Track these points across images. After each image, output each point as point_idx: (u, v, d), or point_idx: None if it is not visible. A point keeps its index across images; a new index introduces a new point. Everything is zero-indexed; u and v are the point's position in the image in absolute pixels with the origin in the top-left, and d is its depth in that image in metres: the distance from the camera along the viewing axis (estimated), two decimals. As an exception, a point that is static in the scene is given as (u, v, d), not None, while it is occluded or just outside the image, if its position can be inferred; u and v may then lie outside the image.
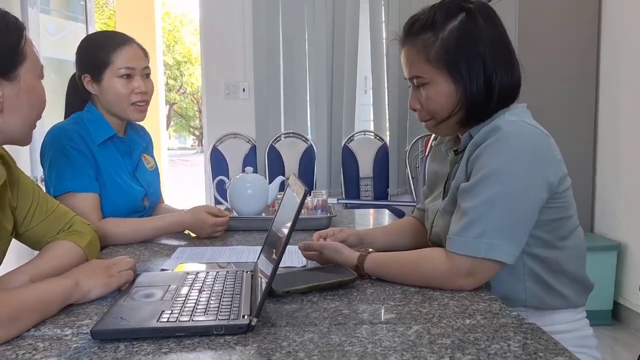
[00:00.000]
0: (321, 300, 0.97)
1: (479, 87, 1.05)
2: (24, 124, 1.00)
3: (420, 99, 1.11)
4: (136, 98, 1.56)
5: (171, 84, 17.75)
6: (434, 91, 1.08)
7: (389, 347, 0.76)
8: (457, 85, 1.06)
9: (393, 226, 1.44)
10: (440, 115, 1.10)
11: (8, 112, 0.96)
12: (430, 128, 1.15)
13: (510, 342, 0.78)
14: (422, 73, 1.08)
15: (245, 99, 3.90)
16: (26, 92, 0.98)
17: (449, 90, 1.07)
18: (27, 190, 1.16)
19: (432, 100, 1.09)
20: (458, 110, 1.07)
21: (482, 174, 1.00)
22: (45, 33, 3.47)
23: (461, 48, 1.05)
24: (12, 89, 0.95)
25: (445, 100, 1.07)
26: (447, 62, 1.05)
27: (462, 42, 1.05)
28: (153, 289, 0.98)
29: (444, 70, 1.06)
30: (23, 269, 1.05)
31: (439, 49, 1.05)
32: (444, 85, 1.07)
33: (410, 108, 1.14)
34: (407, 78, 1.12)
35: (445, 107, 1.08)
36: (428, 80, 1.08)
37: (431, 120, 1.12)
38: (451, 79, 1.06)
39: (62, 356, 0.74)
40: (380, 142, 3.97)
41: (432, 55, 1.06)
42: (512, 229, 0.98)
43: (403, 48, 1.11)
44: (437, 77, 1.07)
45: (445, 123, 1.10)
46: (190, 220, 1.53)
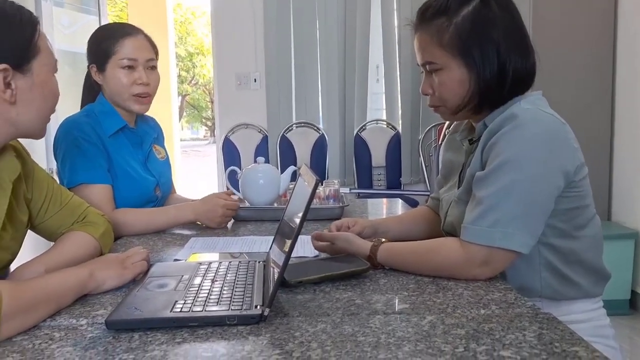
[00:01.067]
0: (334, 291, 0.96)
1: (492, 73, 1.04)
2: (38, 116, 1.00)
3: (432, 85, 1.10)
4: (137, 90, 1.55)
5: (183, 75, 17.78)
6: (447, 77, 1.06)
7: (402, 338, 0.76)
8: (470, 71, 1.04)
9: (406, 215, 1.43)
10: (452, 101, 1.08)
11: (21, 105, 0.96)
12: (440, 114, 1.14)
13: (526, 332, 0.77)
14: (435, 59, 1.07)
15: (257, 89, 3.89)
16: (39, 85, 0.98)
17: (461, 76, 1.05)
18: (42, 182, 1.17)
19: (445, 86, 1.07)
20: (470, 96, 1.06)
21: (498, 162, 0.98)
22: (59, 26, 3.48)
23: (475, 34, 1.03)
24: (26, 81, 0.96)
25: (457, 86, 1.06)
26: (460, 48, 1.04)
27: (475, 28, 1.03)
28: (166, 279, 0.98)
29: (457, 55, 1.04)
30: (39, 259, 1.06)
31: (452, 34, 1.04)
32: (457, 70, 1.05)
33: (422, 93, 1.13)
34: (419, 64, 1.11)
35: (458, 93, 1.07)
36: (441, 65, 1.06)
37: (442, 106, 1.11)
38: (464, 64, 1.04)
39: (77, 346, 0.75)
40: (392, 130, 3.94)
41: (445, 40, 1.04)
42: (527, 218, 0.97)
43: (416, 34, 1.10)
44: (450, 62, 1.05)
45: (456, 109, 1.09)
46: (203, 207, 1.53)
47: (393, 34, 3.89)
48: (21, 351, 0.74)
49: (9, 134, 0.98)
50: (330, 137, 3.86)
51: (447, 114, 1.13)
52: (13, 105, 0.95)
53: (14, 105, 0.95)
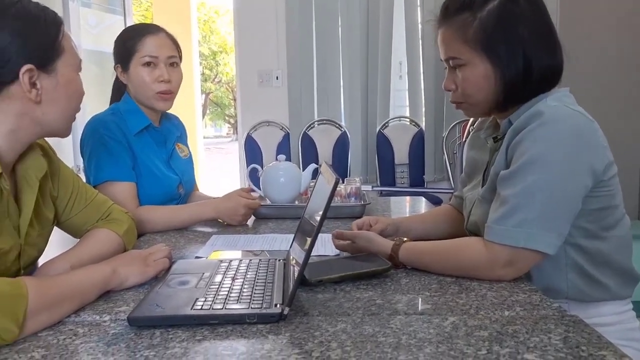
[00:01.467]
0: (354, 290, 0.96)
1: (518, 70, 1.02)
2: (63, 115, 1.02)
3: (455, 80, 1.08)
4: (160, 87, 1.57)
5: (207, 73, 17.93)
6: (471, 72, 1.05)
7: (423, 339, 0.74)
8: (494, 67, 1.03)
9: (429, 214, 1.41)
10: (475, 97, 1.07)
11: (46, 104, 0.98)
12: (463, 110, 1.12)
13: (551, 334, 0.75)
14: (459, 54, 1.05)
15: (279, 86, 3.89)
16: (64, 85, 0.99)
17: (485, 72, 1.03)
18: (67, 180, 1.19)
19: (468, 82, 1.06)
20: (494, 93, 1.04)
21: (523, 160, 0.96)
22: (86, 26, 3.54)
23: (500, 29, 1.01)
24: (50, 81, 0.97)
25: (481, 82, 1.04)
26: (484, 43, 1.02)
27: (501, 23, 1.01)
28: (188, 277, 0.99)
29: (481, 51, 1.03)
30: (64, 256, 1.08)
31: (476, 29, 1.02)
32: (480, 66, 1.03)
33: (445, 89, 1.11)
34: (442, 59, 1.10)
35: (481, 89, 1.05)
36: (465, 61, 1.05)
37: (464, 103, 1.10)
38: (488, 60, 1.03)
39: (100, 342, 0.76)
40: (416, 127, 3.91)
41: (469, 35, 1.03)
42: (553, 218, 0.95)
43: (440, 29, 1.09)
44: (474, 58, 1.03)
45: (479, 105, 1.07)
46: (224, 205, 1.54)
47: (416, 29, 3.85)
48: (46, 346, 0.75)
49: (35, 133, 1.00)
50: (352, 135, 3.85)
51: (469, 110, 1.12)
52: (38, 104, 0.97)
53: (39, 104, 0.97)
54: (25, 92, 0.94)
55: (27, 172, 1.04)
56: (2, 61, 0.92)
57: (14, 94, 0.94)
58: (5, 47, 0.91)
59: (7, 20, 0.92)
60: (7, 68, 0.92)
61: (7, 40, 0.92)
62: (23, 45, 0.93)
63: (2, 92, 0.94)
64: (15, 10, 0.94)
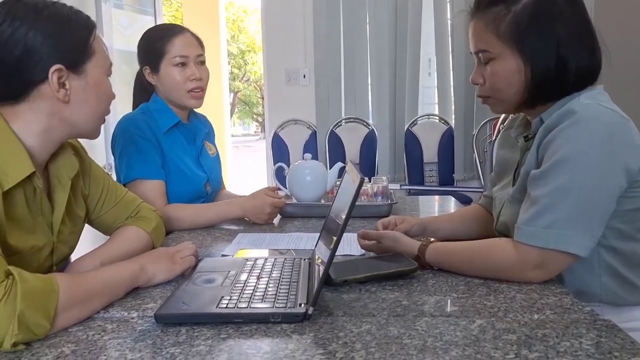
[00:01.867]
0: (380, 291, 0.95)
1: (550, 68, 0.99)
2: (91, 116, 1.03)
3: (484, 74, 1.06)
4: (192, 85, 1.60)
5: (235, 72, 18.08)
6: (500, 67, 1.02)
7: (450, 342, 0.73)
8: (525, 62, 1.00)
9: (457, 214, 1.39)
10: (503, 92, 1.04)
11: (75, 105, 0.99)
12: (489, 105, 1.10)
13: (583, 339, 0.73)
14: (490, 47, 1.03)
15: (306, 85, 3.90)
16: (93, 86, 1.01)
17: (516, 67, 1.01)
18: (98, 179, 1.21)
19: (497, 76, 1.03)
20: (523, 89, 1.02)
21: (555, 159, 0.94)
22: (118, 27, 3.62)
23: (534, 24, 0.99)
24: (80, 82, 0.99)
25: (510, 77, 1.02)
26: (517, 38, 1.00)
27: (536, 19, 0.99)
28: (214, 275, 1.00)
29: (513, 45, 1.00)
30: (94, 253, 1.10)
31: (510, 23, 1.00)
32: (511, 61, 1.01)
33: (472, 82, 1.09)
34: (472, 52, 1.08)
35: (510, 84, 1.03)
36: (495, 55, 1.02)
37: (491, 97, 1.08)
38: (520, 55, 1.00)
39: (128, 338, 0.77)
40: (445, 125, 3.86)
41: (501, 29, 1.00)
42: (586, 219, 0.92)
43: (472, 21, 1.06)
44: (505, 52, 1.01)
45: (506, 101, 1.05)
46: (250, 203, 1.55)
47: (446, 25, 3.80)
48: (76, 341, 0.76)
49: (65, 133, 1.02)
50: (380, 133, 3.83)
51: (496, 106, 1.09)
52: (67, 104, 0.98)
53: (68, 104, 0.98)
54: (54, 91, 0.96)
55: (60, 171, 1.06)
56: (33, 61, 0.94)
57: (45, 94, 0.96)
58: (37, 47, 0.93)
59: (40, 22, 0.94)
60: (39, 68, 0.94)
61: (39, 40, 0.94)
62: (54, 45, 0.95)
63: (33, 92, 0.96)
64: (48, 13, 0.96)
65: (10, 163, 0.92)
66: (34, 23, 0.94)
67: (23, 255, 0.95)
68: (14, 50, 0.93)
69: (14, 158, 0.93)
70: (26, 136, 0.97)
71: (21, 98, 0.96)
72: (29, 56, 0.93)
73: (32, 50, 0.93)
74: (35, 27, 0.94)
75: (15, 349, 0.73)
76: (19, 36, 0.93)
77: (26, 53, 0.93)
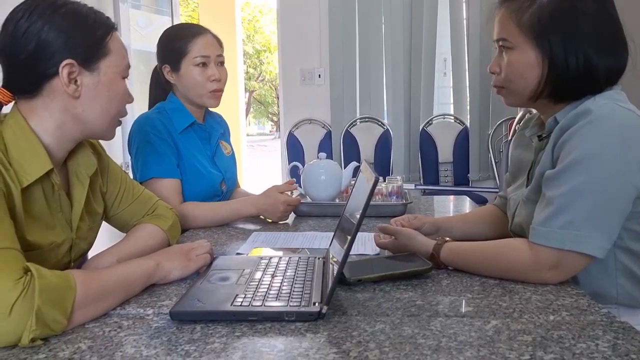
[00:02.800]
0: (394, 290, 0.95)
1: (571, 67, 0.97)
2: (102, 115, 1.03)
3: (501, 63, 1.05)
4: (212, 86, 1.61)
5: (251, 72, 18.14)
6: (517, 58, 1.02)
7: (464, 342, 0.73)
8: (542, 57, 0.99)
9: (472, 214, 1.38)
10: (516, 84, 1.04)
11: (86, 101, 1.00)
12: (502, 96, 1.10)
13: (599, 341, 0.72)
14: (509, 36, 1.02)
15: (321, 84, 3.90)
16: (105, 85, 1.01)
17: (532, 61, 1.00)
18: (116, 177, 1.22)
19: (512, 67, 1.03)
20: (536, 84, 1.00)
21: (570, 160, 0.93)
22: (136, 27, 3.65)
23: (556, 20, 0.97)
24: (92, 79, 1.00)
25: (525, 70, 1.01)
26: (537, 31, 0.98)
27: (560, 15, 0.97)
28: (228, 273, 1.00)
29: (531, 38, 0.99)
30: (111, 250, 1.11)
31: (532, 15, 0.99)
32: (529, 53, 1.00)
33: (489, 71, 1.09)
34: (494, 40, 1.07)
35: (523, 77, 1.02)
36: (513, 45, 1.02)
37: (504, 88, 1.07)
38: (538, 49, 0.99)
39: (143, 335, 0.78)
40: (460, 125, 3.84)
41: (523, 20, 0.99)
42: (602, 220, 0.91)
43: (498, 9, 1.05)
44: (523, 44, 1.00)
45: (518, 93, 1.04)
46: (263, 201, 1.56)
47: (462, 25, 3.78)
48: (92, 337, 0.77)
49: (78, 130, 1.02)
50: (395, 132, 3.82)
51: (508, 97, 1.09)
52: (78, 100, 0.99)
53: (78, 100, 0.99)
54: (64, 86, 0.97)
55: (78, 168, 1.08)
56: (46, 54, 0.95)
57: (57, 89, 0.97)
58: (50, 41, 0.95)
59: (55, 17, 0.96)
60: (51, 62, 0.95)
61: (53, 35, 0.95)
62: (67, 40, 0.96)
63: (46, 86, 0.97)
64: (65, 10, 0.98)
65: (28, 160, 0.94)
66: (49, 18, 0.95)
67: (42, 251, 0.96)
68: (28, 44, 0.94)
69: (32, 155, 0.95)
70: (43, 133, 0.98)
71: (36, 93, 0.97)
72: (42, 50, 0.95)
73: (45, 44, 0.95)
74: (50, 21, 0.95)
75: (33, 344, 0.74)
76: (34, 30, 0.94)
77: (39, 47, 0.95)
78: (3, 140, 0.93)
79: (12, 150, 0.92)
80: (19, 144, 0.94)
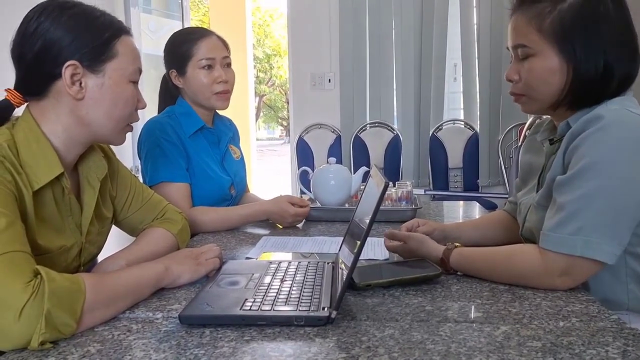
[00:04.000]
0: (403, 295, 0.94)
1: (593, 70, 0.96)
2: (106, 118, 1.02)
3: (520, 71, 1.04)
4: (219, 88, 1.62)
5: (261, 77, 18.22)
6: (539, 64, 1.00)
7: (473, 348, 0.73)
8: (566, 62, 0.98)
9: (482, 220, 1.38)
10: (538, 91, 1.02)
11: (90, 103, 0.99)
12: (521, 104, 1.08)
13: (609, 348, 0.72)
14: (529, 43, 1.00)
15: (331, 89, 3.91)
16: (109, 87, 1.01)
17: (555, 66, 0.99)
18: (125, 181, 1.23)
19: (534, 73, 1.01)
20: (559, 89, 0.99)
21: (581, 165, 0.92)
22: (146, 31, 3.69)
23: (580, 25, 0.96)
24: (96, 81, 0.99)
25: (548, 76, 1.00)
26: (560, 36, 0.97)
27: (583, 19, 0.96)
28: (237, 277, 1.01)
29: (554, 43, 0.98)
30: (121, 254, 1.12)
31: (554, 20, 0.98)
32: (552, 59, 0.99)
33: (507, 79, 1.07)
34: (510, 47, 1.05)
35: (546, 83, 1.00)
36: (534, 51, 1.00)
37: (525, 95, 1.05)
38: (561, 54, 0.98)
39: (152, 338, 0.78)
40: (470, 131, 3.83)
41: (545, 25, 0.98)
42: (612, 226, 0.90)
43: (513, 16, 1.04)
44: (546, 49, 0.99)
45: (539, 100, 1.03)
46: (273, 209, 1.56)
47: (472, 31, 3.77)
48: (101, 341, 0.78)
49: (85, 133, 1.02)
50: (404, 137, 3.81)
51: (528, 105, 1.07)
52: (82, 102, 0.99)
53: (82, 102, 0.99)
54: (66, 86, 0.97)
55: (89, 172, 1.08)
56: (51, 54, 0.96)
57: (62, 90, 0.97)
58: (55, 41, 0.95)
59: (63, 18, 0.97)
60: (56, 62, 0.96)
61: (59, 35, 0.96)
62: (73, 41, 0.96)
63: (52, 87, 0.98)
64: (73, 11, 0.98)
65: (39, 163, 0.94)
66: (57, 18, 0.96)
67: (52, 255, 0.97)
68: (35, 44, 0.95)
69: (43, 158, 0.95)
70: (53, 136, 0.99)
71: (44, 94, 0.98)
72: (48, 49, 0.96)
73: (51, 43, 0.95)
74: (57, 22, 0.96)
75: (42, 347, 0.74)
76: (42, 30, 0.95)
77: (45, 46, 0.95)
78: (15, 144, 0.93)
79: (24, 154, 0.93)
80: (30, 148, 0.94)
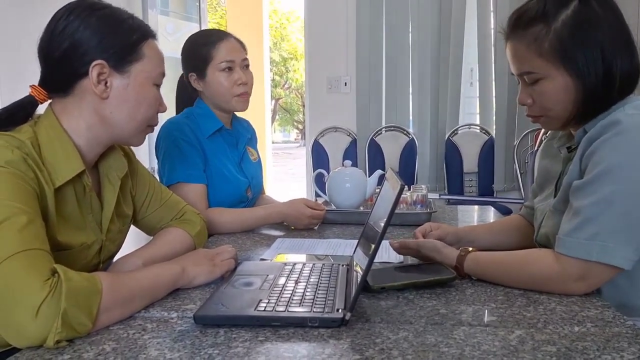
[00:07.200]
0: (418, 298, 0.95)
1: (599, 78, 0.97)
2: (129, 119, 1.04)
3: (532, 94, 1.04)
4: (239, 90, 1.63)
5: (277, 80, 18.29)
6: (549, 86, 1.00)
7: (487, 352, 0.72)
8: (573, 77, 0.98)
9: (497, 224, 1.37)
10: (555, 110, 1.02)
11: (114, 103, 1.01)
12: (541, 124, 1.08)
13: (624, 353, 0.71)
14: (535, 69, 1.00)
15: (347, 92, 3.91)
16: (134, 88, 1.02)
17: (566, 84, 0.99)
18: (145, 180, 1.25)
19: (547, 95, 1.01)
20: (576, 103, 0.99)
21: (598, 170, 0.92)
22: (164, 33, 3.73)
23: (577, 37, 0.97)
24: (122, 81, 1.01)
25: (561, 95, 1.00)
26: (562, 55, 0.97)
27: (577, 31, 0.97)
28: (252, 278, 1.01)
29: (559, 63, 0.98)
30: (138, 253, 1.13)
31: (552, 41, 0.98)
32: (560, 78, 0.99)
33: (520, 103, 1.06)
34: (515, 74, 1.06)
35: (561, 101, 1.00)
36: (542, 75, 1.00)
37: (543, 116, 1.05)
38: (568, 72, 0.98)
39: (167, 338, 0.79)
40: (486, 135, 3.80)
41: (544, 48, 0.98)
42: (629, 231, 0.90)
43: (509, 42, 1.04)
44: (552, 71, 0.99)
45: (559, 118, 1.03)
46: (289, 212, 1.57)
47: (489, 36, 3.75)
48: (117, 340, 0.79)
49: (107, 133, 1.04)
50: (420, 141, 3.80)
51: (548, 124, 1.07)
52: (106, 102, 1.00)
53: (107, 102, 1.01)
54: (92, 85, 0.99)
55: (109, 170, 1.10)
56: (78, 53, 0.98)
57: (87, 89, 0.99)
58: (83, 40, 0.97)
59: (92, 18, 0.99)
60: (83, 61, 0.98)
61: (87, 35, 0.98)
62: (100, 41, 0.98)
63: (77, 86, 0.99)
64: (103, 12, 1.01)
65: (61, 161, 0.96)
66: (86, 18, 0.98)
67: (72, 251, 0.98)
68: (63, 42, 0.97)
69: (65, 156, 0.97)
70: (75, 134, 1.00)
71: (68, 91, 1.00)
72: (76, 49, 0.97)
73: (79, 43, 0.97)
74: (86, 22, 0.98)
75: (58, 345, 0.75)
76: (71, 30, 0.97)
77: (73, 45, 0.97)
78: (37, 141, 0.95)
79: (45, 151, 0.95)
80: (52, 145, 0.96)
